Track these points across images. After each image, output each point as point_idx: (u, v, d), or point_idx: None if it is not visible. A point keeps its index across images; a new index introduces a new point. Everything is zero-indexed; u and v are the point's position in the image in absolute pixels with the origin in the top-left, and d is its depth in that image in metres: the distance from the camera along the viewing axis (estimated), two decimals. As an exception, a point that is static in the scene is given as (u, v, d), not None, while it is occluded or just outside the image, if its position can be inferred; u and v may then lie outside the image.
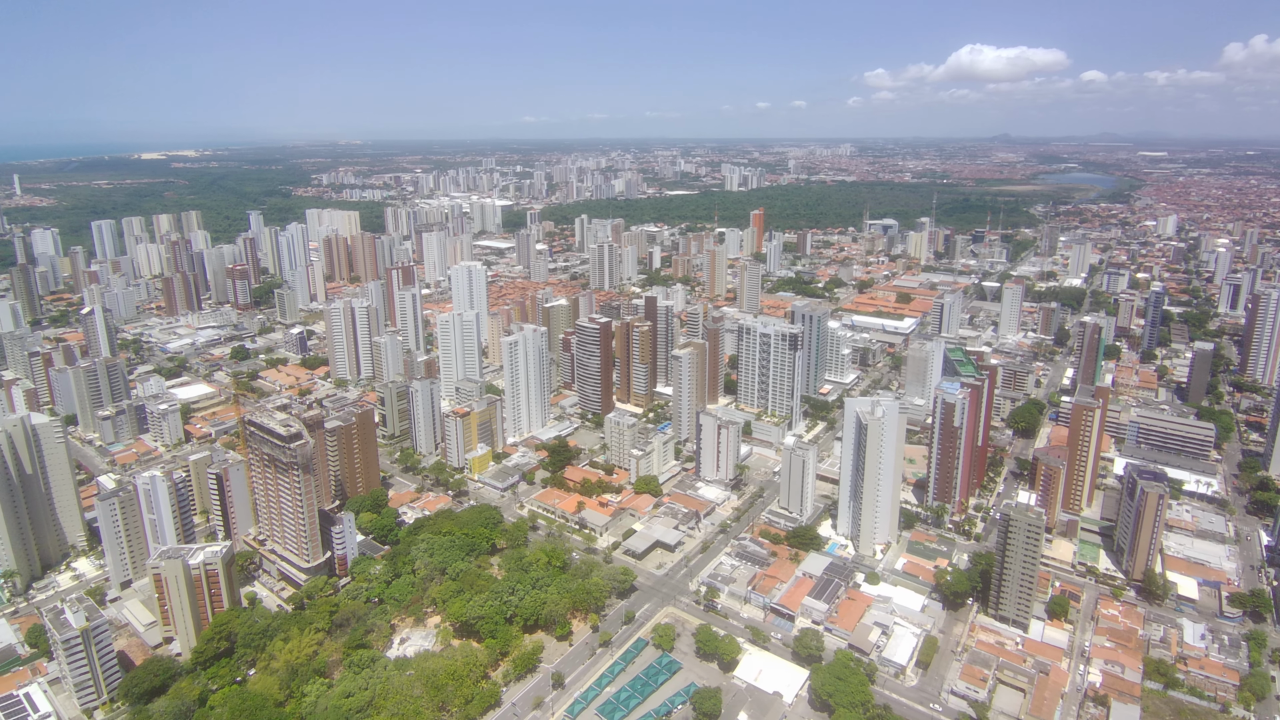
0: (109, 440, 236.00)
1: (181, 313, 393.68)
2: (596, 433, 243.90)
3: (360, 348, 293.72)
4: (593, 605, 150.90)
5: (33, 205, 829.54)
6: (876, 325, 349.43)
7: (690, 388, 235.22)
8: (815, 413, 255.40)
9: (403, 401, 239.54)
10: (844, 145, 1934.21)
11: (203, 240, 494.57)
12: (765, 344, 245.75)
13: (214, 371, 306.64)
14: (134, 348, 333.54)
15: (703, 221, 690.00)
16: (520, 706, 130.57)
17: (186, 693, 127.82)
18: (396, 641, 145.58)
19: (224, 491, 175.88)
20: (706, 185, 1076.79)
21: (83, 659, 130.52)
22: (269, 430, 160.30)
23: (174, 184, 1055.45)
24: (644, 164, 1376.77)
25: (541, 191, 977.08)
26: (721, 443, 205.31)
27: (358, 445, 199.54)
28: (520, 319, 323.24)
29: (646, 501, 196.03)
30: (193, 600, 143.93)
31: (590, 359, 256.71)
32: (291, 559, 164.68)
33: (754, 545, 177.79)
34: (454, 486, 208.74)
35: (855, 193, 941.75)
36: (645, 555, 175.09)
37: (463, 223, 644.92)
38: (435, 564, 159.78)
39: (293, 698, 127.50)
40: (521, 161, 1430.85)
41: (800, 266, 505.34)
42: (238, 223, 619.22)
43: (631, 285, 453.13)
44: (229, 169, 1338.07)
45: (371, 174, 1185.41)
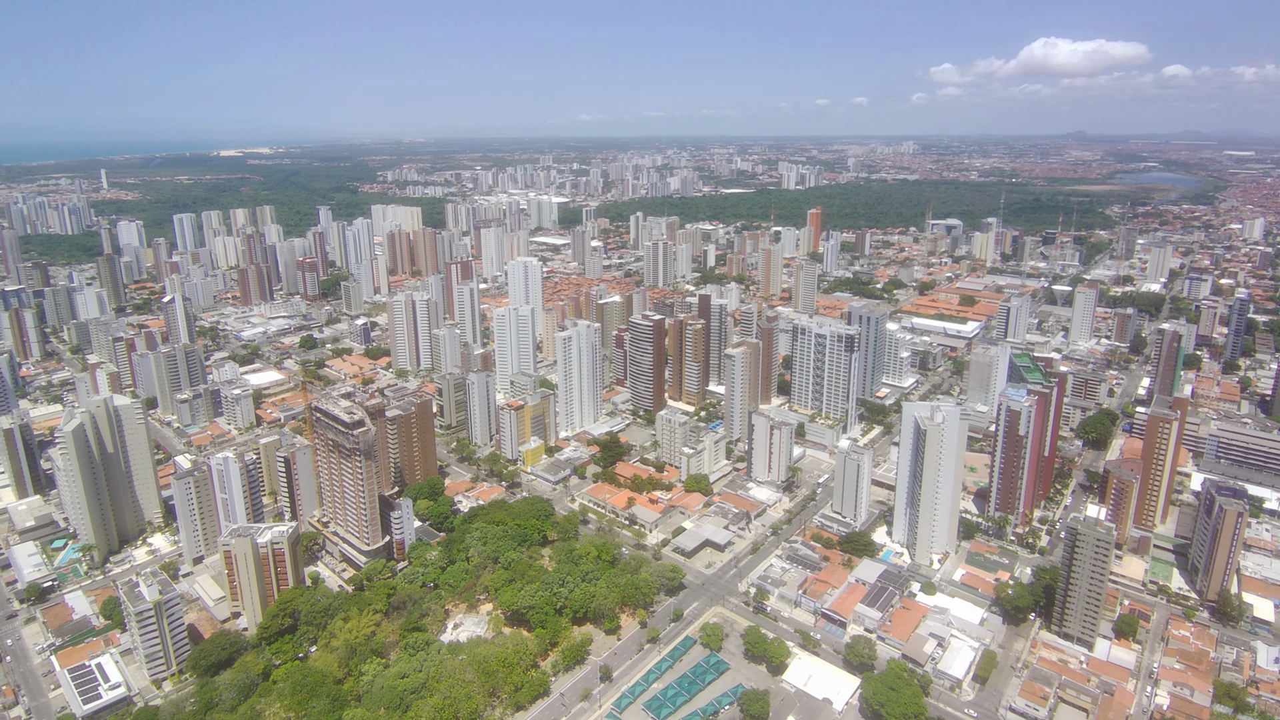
0: (186, 422, 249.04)
1: (255, 303, 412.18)
2: (648, 430, 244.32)
3: (420, 340, 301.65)
4: (641, 601, 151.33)
5: (119, 199, 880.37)
6: (938, 328, 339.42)
7: (743, 387, 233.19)
8: (871, 416, 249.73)
9: (460, 393, 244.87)
10: (906, 143, 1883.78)
11: (275, 234, 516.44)
12: (820, 345, 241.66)
13: (284, 359, 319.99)
14: (210, 335, 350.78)
15: (758, 220, 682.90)
16: (568, 697, 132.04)
17: (251, 667, 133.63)
18: (450, 626, 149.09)
19: (291, 474, 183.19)
20: (763, 183, 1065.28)
21: (154, 631, 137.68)
22: (334, 417, 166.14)
23: (249, 180, 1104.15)
24: (700, 162, 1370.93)
25: (597, 189, 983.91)
26: (774, 444, 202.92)
27: (416, 434, 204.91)
28: (574, 315, 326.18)
29: (696, 500, 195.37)
30: (260, 578, 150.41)
31: (643, 356, 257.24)
32: (352, 541, 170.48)
33: (805, 549, 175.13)
34: (507, 478, 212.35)
35: (918, 192, 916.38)
36: (694, 554, 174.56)
37: (520, 219, 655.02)
38: (488, 552, 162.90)
39: (351, 676, 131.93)
40: (578, 159, 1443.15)
41: (858, 267, 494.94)
42: (308, 217, 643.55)
43: (685, 283, 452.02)
44: (301, 166, 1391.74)
45: (433, 171, 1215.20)
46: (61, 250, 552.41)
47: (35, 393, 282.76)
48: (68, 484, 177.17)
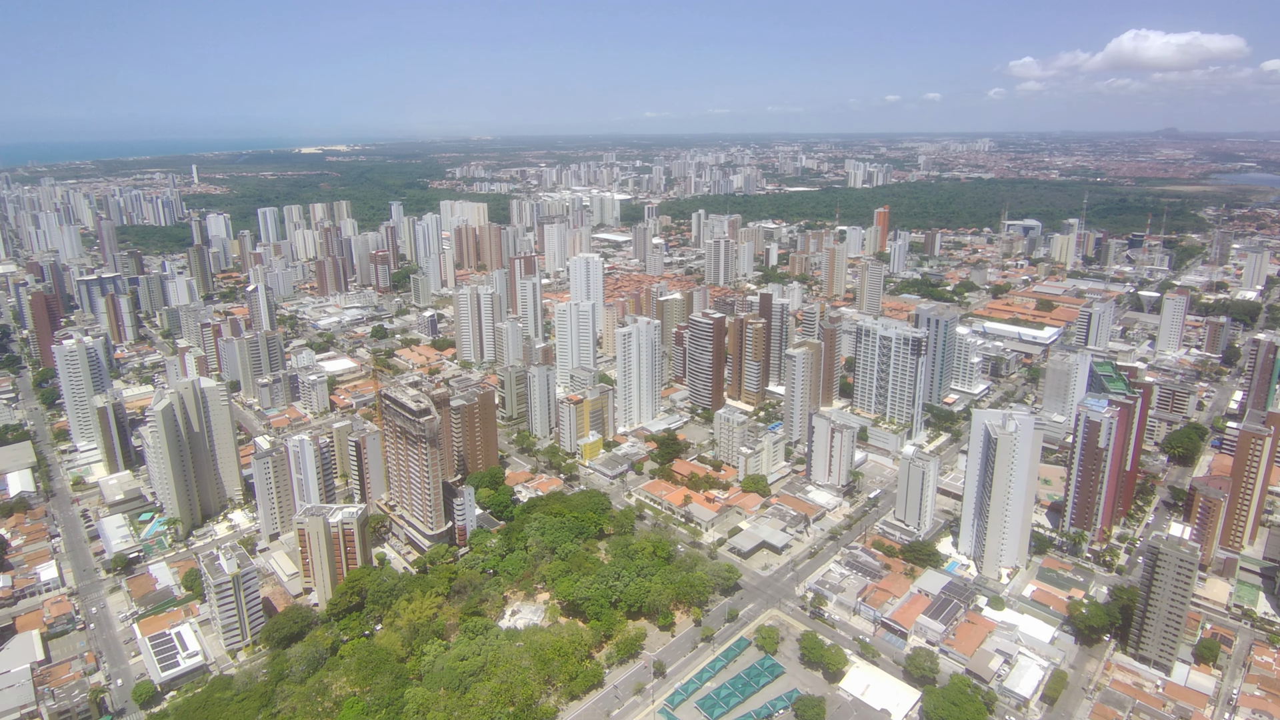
0: (266, 405, 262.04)
1: (331, 293, 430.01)
2: (705, 428, 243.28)
3: (484, 332, 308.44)
4: (696, 599, 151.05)
5: (208, 193, 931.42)
6: (1012, 333, 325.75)
7: (804, 388, 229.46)
8: (938, 422, 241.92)
9: (521, 386, 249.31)
10: (982, 140, 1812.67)
11: (351, 228, 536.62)
12: (885, 347, 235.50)
13: (356, 348, 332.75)
14: (290, 323, 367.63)
15: (823, 219, 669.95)
16: (622, 690, 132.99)
17: (321, 641, 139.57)
18: (508, 613, 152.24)
19: (361, 458, 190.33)
20: (828, 181, 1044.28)
21: (231, 603, 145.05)
22: (402, 405, 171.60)
23: (328, 176, 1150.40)
24: (764, 159, 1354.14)
25: (660, 186, 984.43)
26: (835, 447, 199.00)
27: (479, 424, 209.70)
28: (635, 311, 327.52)
29: (754, 501, 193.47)
30: (330, 556, 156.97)
31: (702, 354, 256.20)
32: (417, 525, 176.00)
33: (866, 556, 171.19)
34: (566, 470, 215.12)
35: (993, 191, 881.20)
36: (751, 555, 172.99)
37: (582, 215, 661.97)
38: (546, 543, 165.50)
39: (413, 655, 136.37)
40: (641, 156, 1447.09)
41: (927, 268, 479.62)
42: (381, 212, 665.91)
43: (747, 282, 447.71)
44: (375, 162, 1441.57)
45: (500, 168, 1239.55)
46: (155, 241, 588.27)
47: (128, 374, 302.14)
48: (156, 461, 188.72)
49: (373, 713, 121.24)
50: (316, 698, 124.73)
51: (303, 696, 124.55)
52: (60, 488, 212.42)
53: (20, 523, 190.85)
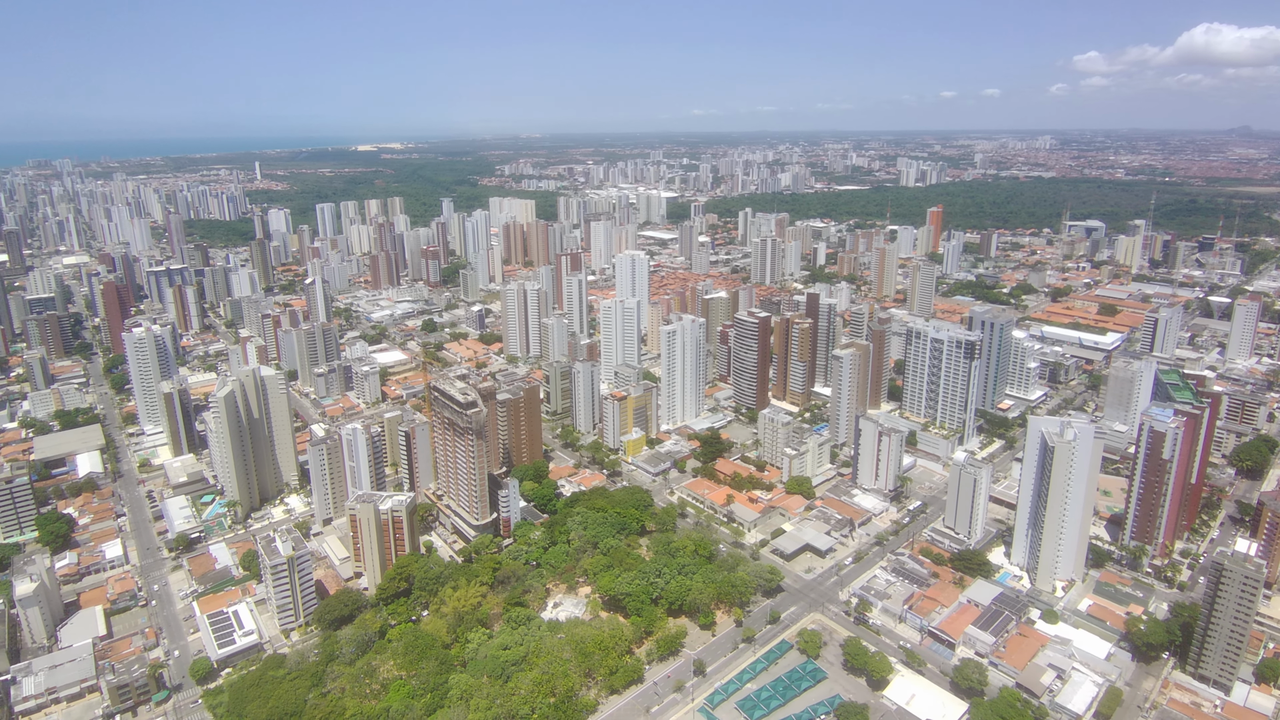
0: (321, 394, 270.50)
1: (384, 287, 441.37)
2: (749, 428, 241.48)
3: (530, 328, 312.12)
4: (737, 599, 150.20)
5: (270, 189, 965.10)
6: (1072, 338, 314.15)
7: (851, 390, 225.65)
8: (992, 428, 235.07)
9: (566, 381, 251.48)
10: (1043, 137, 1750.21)
11: (403, 223, 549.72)
12: (937, 350, 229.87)
13: (407, 341, 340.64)
14: (345, 315, 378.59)
15: (873, 218, 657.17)
16: (661, 687, 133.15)
17: (370, 624, 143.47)
18: (550, 605, 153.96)
19: (410, 448, 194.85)
20: (879, 180, 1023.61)
21: (286, 584, 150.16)
22: (450, 397, 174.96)
23: (382, 173, 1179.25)
24: (812, 158, 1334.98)
25: (706, 184, 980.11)
26: (882, 450, 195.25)
27: (524, 418, 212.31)
28: (680, 309, 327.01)
29: (798, 502, 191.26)
30: (380, 542, 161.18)
31: (747, 353, 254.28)
32: (463, 515, 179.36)
33: (913, 563, 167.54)
34: (608, 466, 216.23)
35: (1053, 190, 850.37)
36: (794, 557, 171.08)
37: (629, 213, 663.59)
38: (588, 537, 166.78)
39: (457, 642, 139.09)
40: (688, 154, 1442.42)
41: (982, 269, 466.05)
42: (432, 208, 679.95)
43: (794, 281, 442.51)
44: (427, 160, 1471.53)
45: (548, 165, 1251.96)
46: (220, 234, 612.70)
47: (193, 361, 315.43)
48: (218, 445, 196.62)
49: (418, 696, 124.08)
50: (365, 679, 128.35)
51: (352, 677, 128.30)
52: (127, 469, 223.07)
53: (88, 502, 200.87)
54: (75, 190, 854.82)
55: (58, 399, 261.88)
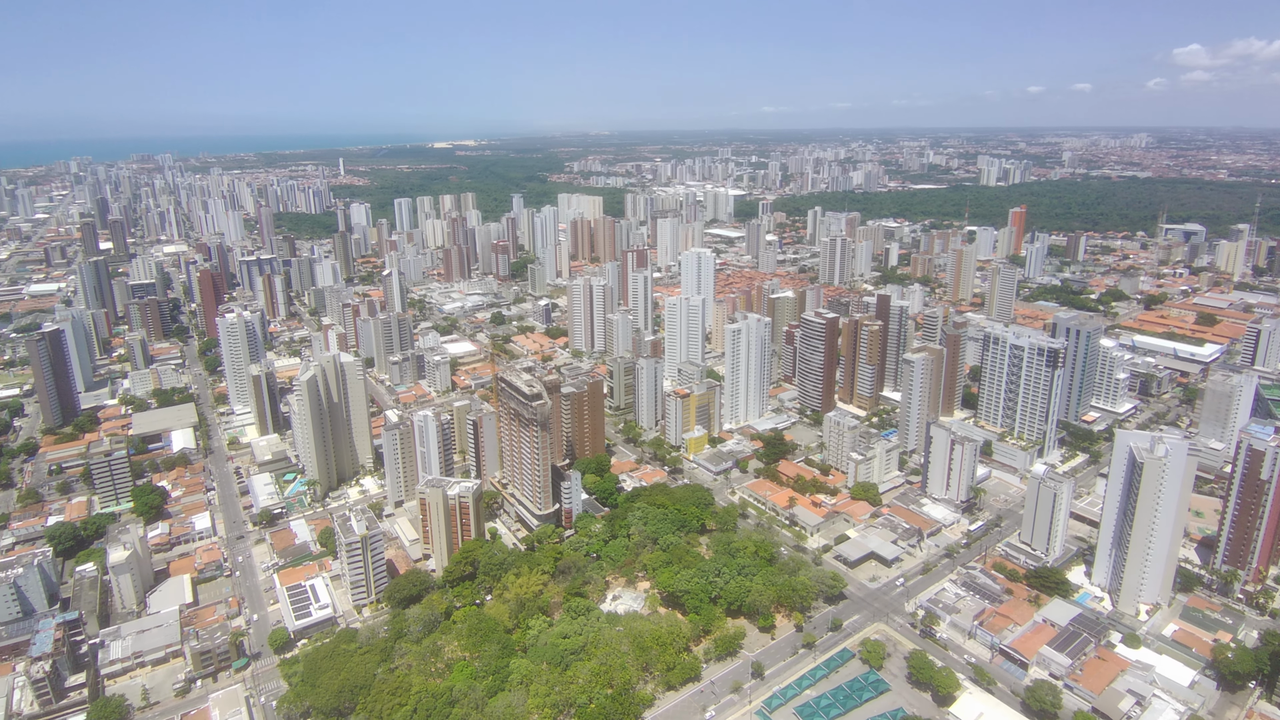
0: (395, 382, 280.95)
1: (455, 280, 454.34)
2: (814, 430, 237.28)
3: (595, 323, 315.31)
4: (798, 604, 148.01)
5: (352, 184, 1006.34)
6: (1166, 348, 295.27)
7: (922, 396, 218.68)
8: (1075, 441, 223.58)
9: (629, 377, 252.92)
10: (1138, 135, 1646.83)
11: (475, 218, 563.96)
12: (1017, 357, 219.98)
13: (477, 332, 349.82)
14: (419, 306, 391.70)
15: (950, 218, 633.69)
16: (718, 686, 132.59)
17: (436, 605, 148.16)
18: (609, 597, 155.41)
19: (478, 436, 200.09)
20: (958, 179, 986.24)
21: (359, 562, 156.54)
22: (516, 388, 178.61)
23: (456, 169, 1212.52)
24: (887, 155, 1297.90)
25: (775, 182, 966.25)
26: (954, 459, 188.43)
27: (587, 412, 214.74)
28: (745, 308, 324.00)
29: (863, 509, 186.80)
30: (447, 526, 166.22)
31: (814, 354, 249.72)
32: (527, 504, 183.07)
33: (985, 577, 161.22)
34: (670, 463, 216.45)
35: (1149, 191, 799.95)
36: (858, 565, 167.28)
37: (695, 210, 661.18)
38: (648, 532, 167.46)
39: (519, 628, 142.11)
40: (757, 151, 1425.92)
41: (1068, 274, 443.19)
42: (503, 204, 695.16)
43: (864, 282, 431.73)
44: (499, 156, 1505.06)
45: (616, 162, 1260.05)
46: (306, 227, 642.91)
47: (279, 346, 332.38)
48: (300, 426, 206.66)
49: (481, 678, 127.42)
50: (430, 658, 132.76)
51: (418, 655, 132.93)
52: (217, 446, 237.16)
53: (181, 476, 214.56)
54: (175, 183, 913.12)
55: (156, 378, 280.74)
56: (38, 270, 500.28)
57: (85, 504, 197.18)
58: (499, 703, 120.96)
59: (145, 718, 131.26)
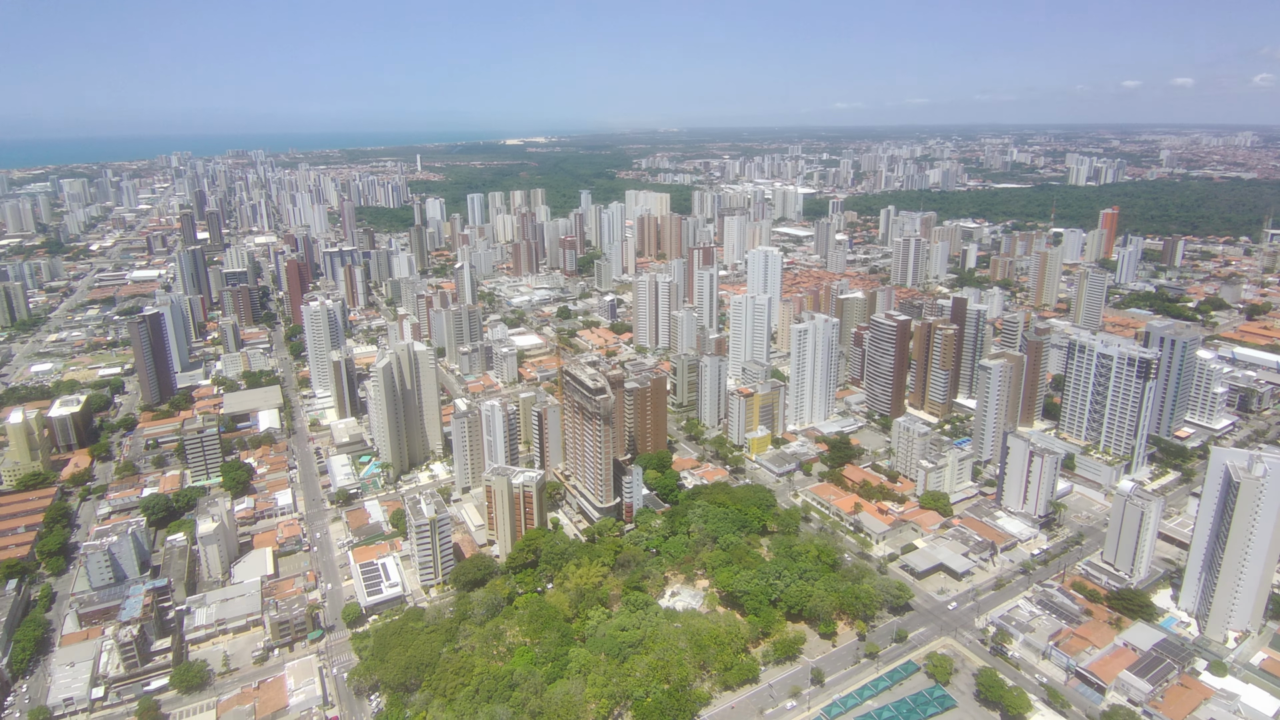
0: (465, 372, 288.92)
1: (524, 274, 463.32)
2: (882, 435, 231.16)
3: (660, 319, 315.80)
4: (861, 612, 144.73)
5: (427, 179, 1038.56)
6: (1270, 362, 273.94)
7: (999, 404, 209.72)
8: (1166, 458, 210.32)
9: (693, 374, 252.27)
10: (1242, 133, 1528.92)
11: (544, 214, 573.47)
12: (1104, 367, 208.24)
13: (543, 326, 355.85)
14: (488, 299, 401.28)
15: (1034, 219, 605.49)
16: (777, 690, 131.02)
17: (499, 590, 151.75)
18: (668, 593, 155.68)
19: (542, 428, 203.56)
20: (1044, 178, 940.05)
21: (428, 544, 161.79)
22: (580, 382, 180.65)
23: (527, 165, 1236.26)
24: (966, 153, 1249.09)
25: (847, 180, 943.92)
26: (1033, 472, 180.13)
27: (650, 407, 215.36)
28: (812, 308, 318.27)
29: (932, 519, 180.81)
30: (511, 513, 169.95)
31: (883, 357, 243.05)
32: (589, 496, 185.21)
33: (1063, 596, 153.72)
34: (732, 462, 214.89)
35: (1255, 193, 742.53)
36: (926, 576, 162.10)
37: (763, 208, 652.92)
38: (708, 531, 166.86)
39: (578, 617, 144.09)
40: (828, 149, 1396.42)
41: (1163, 280, 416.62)
42: (571, 200, 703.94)
43: (939, 285, 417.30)
44: (569, 153, 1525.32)
45: (684, 159, 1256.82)
46: (384, 220, 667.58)
47: (358, 334, 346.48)
48: (376, 411, 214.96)
49: (540, 664, 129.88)
50: (493, 641, 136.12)
51: (481, 638, 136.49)
52: (300, 427, 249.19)
53: (266, 454, 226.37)
54: (266, 178, 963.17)
55: (245, 361, 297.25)
56: (140, 257, 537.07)
57: (178, 477, 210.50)
58: (557, 690, 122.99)
59: (225, 683, 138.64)
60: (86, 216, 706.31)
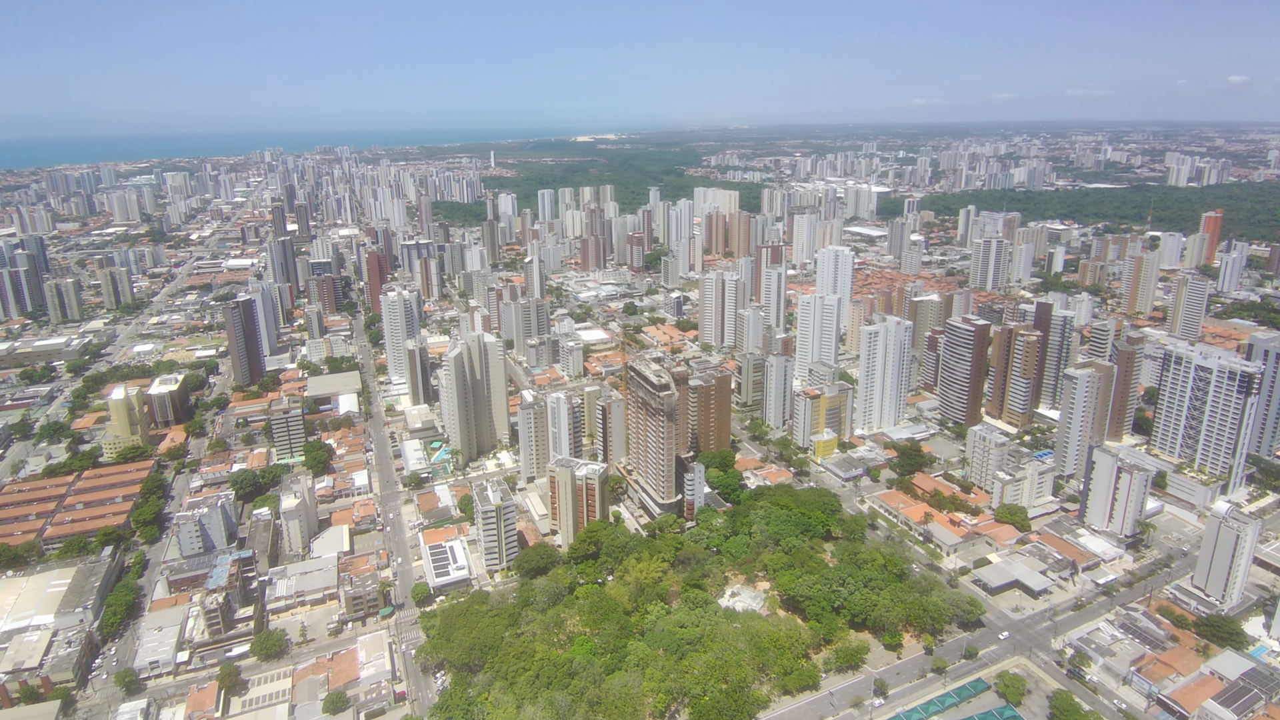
0: (532, 364, 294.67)
1: (591, 269, 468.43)
2: (956, 444, 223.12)
3: (726, 317, 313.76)
4: (929, 625, 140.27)
5: (500, 175, 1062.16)
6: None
7: (1085, 416, 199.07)
8: (1265, 479, 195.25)
9: (758, 374, 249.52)
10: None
11: (612, 210, 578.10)
12: (1202, 380, 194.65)
13: (609, 321, 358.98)
14: (556, 293, 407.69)
15: (1128, 222, 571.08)
16: (837, 699, 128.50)
17: (561, 579, 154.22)
18: (728, 593, 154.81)
19: (606, 422, 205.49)
20: (1140, 178, 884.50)
21: (494, 530, 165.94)
22: (645, 378, 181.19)
23: (597, 162, 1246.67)
24: (1056, 150, 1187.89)
25: (924, 179, 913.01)
26: (1120, 489, 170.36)
27: (714, 406, 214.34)
28: (884, 310, 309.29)
29: (1008, 533, 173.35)
30: (574, 505, 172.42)
31: (959, 363, 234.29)
32: (650, 492, 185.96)
33: (1147, 620, 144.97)
34: (796, 464, 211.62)
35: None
36: (999, 592, 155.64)
37: (835, 207, 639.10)
38: (770, 532, 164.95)
39: (637, 611, 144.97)
40: (905, 146, 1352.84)
41: (1271, 289, 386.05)
42: (640, 196, 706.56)
43: (1021, 289, 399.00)
44: (638, 150, 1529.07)
45: (754, 157, 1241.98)
46: (459, 215, 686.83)
47: (432, 324, 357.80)
48: (447, 399, 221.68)
49: (599, 655, 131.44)
50: (554, 628, 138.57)
51: (542, 625, 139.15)
52: (376, 411, 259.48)
53: (345, 436, 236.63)
54: (351, 173, 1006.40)
55: (328, 347, 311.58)
56: (235, 247, 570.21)
57: (264, 455, 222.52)
58: (615, 681, 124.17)
59: (301, 652, 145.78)
60: (187, 208, 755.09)
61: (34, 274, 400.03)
